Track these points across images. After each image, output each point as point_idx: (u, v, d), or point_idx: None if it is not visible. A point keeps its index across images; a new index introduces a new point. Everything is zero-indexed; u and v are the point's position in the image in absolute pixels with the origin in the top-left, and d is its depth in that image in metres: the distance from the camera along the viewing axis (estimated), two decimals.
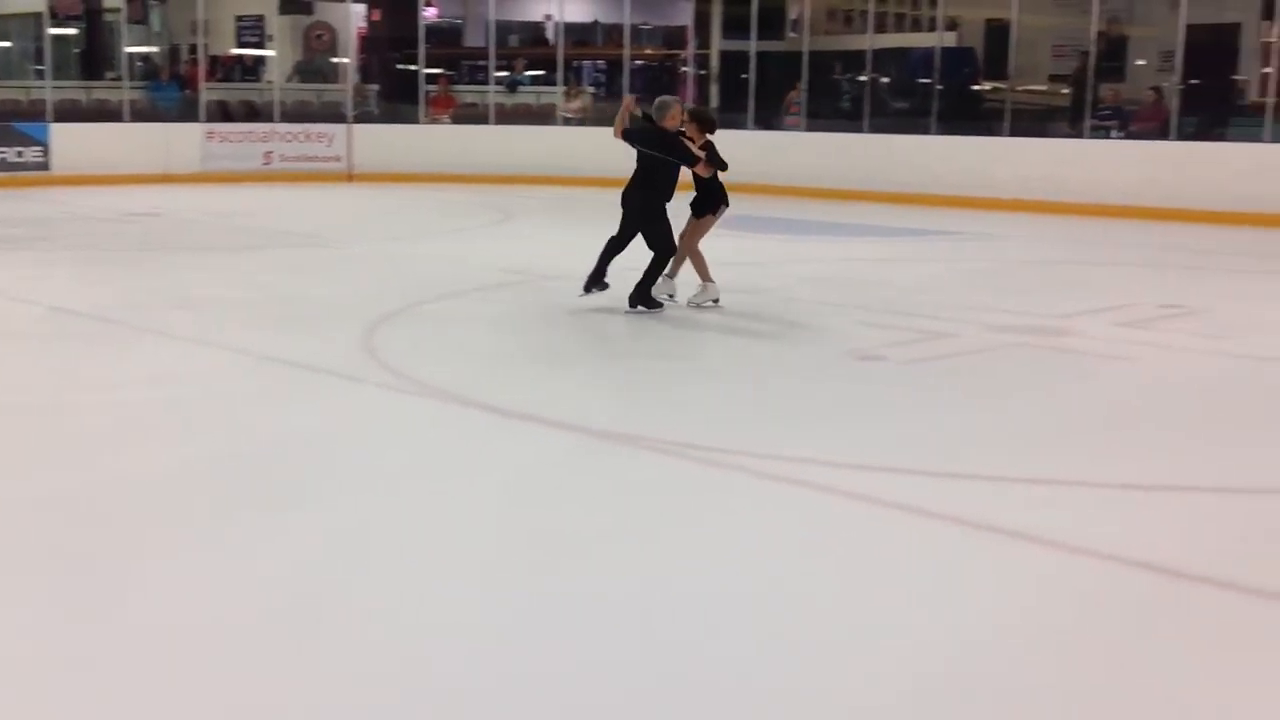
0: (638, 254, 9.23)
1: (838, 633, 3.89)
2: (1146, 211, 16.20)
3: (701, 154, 9.26)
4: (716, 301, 9.44)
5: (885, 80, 21.74)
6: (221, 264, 12.10)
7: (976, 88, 21.16)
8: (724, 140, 9.91)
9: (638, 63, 24.22)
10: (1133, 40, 19.80)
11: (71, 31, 23.22)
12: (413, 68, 22.37)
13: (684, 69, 24.53)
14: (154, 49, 24.75)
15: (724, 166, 9.43)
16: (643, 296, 9.26)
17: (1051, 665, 3.69)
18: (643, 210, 9.22)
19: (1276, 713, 3.45)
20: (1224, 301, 10.05)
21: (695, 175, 9.39)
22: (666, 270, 9.43)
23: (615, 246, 9.38)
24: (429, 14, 23.73)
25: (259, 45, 24.45)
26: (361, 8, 25.40)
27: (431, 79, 22.88)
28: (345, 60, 24.02)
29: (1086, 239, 14.68)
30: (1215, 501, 5.26)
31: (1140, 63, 19.55)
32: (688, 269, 9.53)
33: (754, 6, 20.80)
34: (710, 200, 9.51)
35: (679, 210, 9.37)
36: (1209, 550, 4.60)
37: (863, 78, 20.55)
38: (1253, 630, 3.99)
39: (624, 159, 9.49)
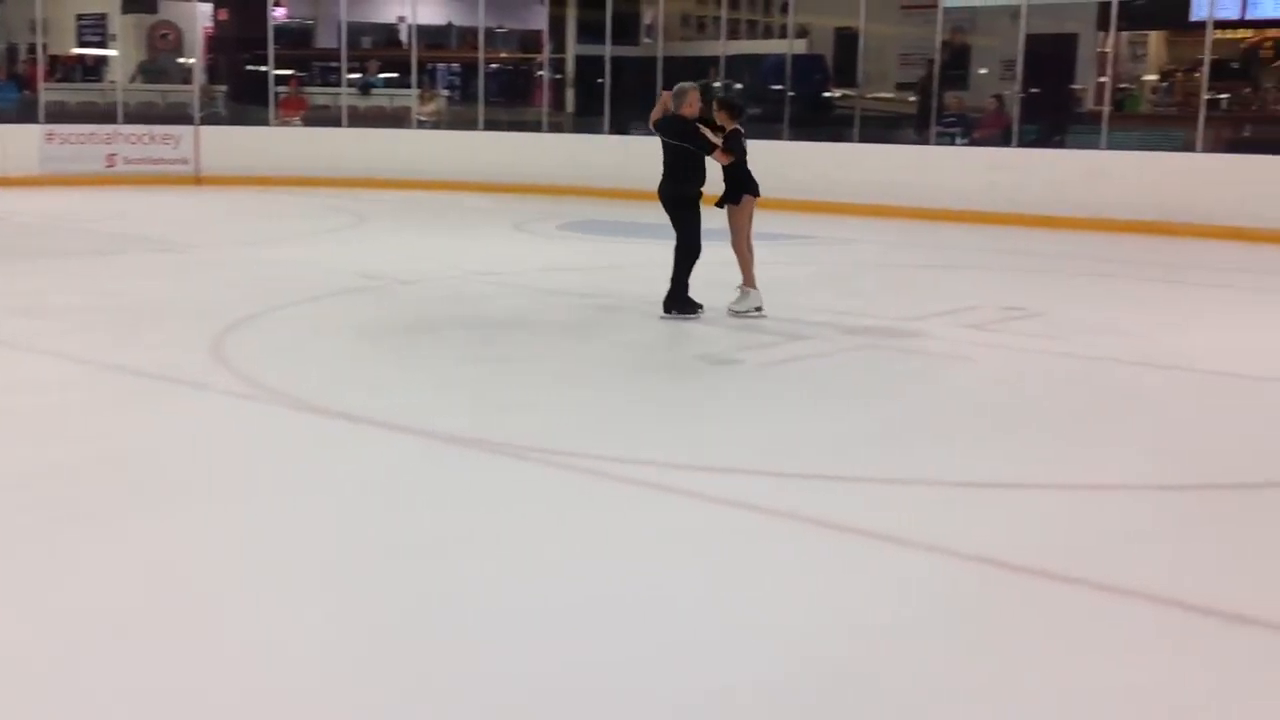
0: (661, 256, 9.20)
1: (697, 634, 3.93)
2: (990, 216, 16.68)
3: (718, 140, 9.11)
4: (759, 310, 9.29)
5: (739, 86, 22.01)
6: (63, 269, 11.72)
7: (827, 94, 21.55)
8: (581, 146, 9.94)
9: (493, 66, 24.13)
10: (975, 49, 20.34)
11: None
12: (262, 69, 21.96)
13: (540, 73, 24.50)
14: None
15: (743, 153, 9.26)
16: (676, 301, 9.17)
17: (904, 661, 3.78)
18: (673, 200, 9.17)
19: (1117, 700, 3.59)
20: (1063, 303, 10.40)
21: (723, 167, 9.27)
22: (743, 282, 9.31)
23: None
24: (278, 14, 23.31)
25: (101, 45, 23.76)
26: (208, 7, 24.85)
27: (282, 80, 22.49)
28: (191, 61, 23.46)
29: (933, 243, 15.05)
30: (1057, 498, 5.45)
31: (983, 71, 20.12)
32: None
33: (608, 12, 20.89)
34: (734, 190, 9.36)
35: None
36: (1049, 545, 4.76)
37: (717, 83, 20.77)
38: (1092, 622, 4.14)
39: (486, 163, 9.45)
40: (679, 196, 9.14)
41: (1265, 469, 5.88)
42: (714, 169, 9.33)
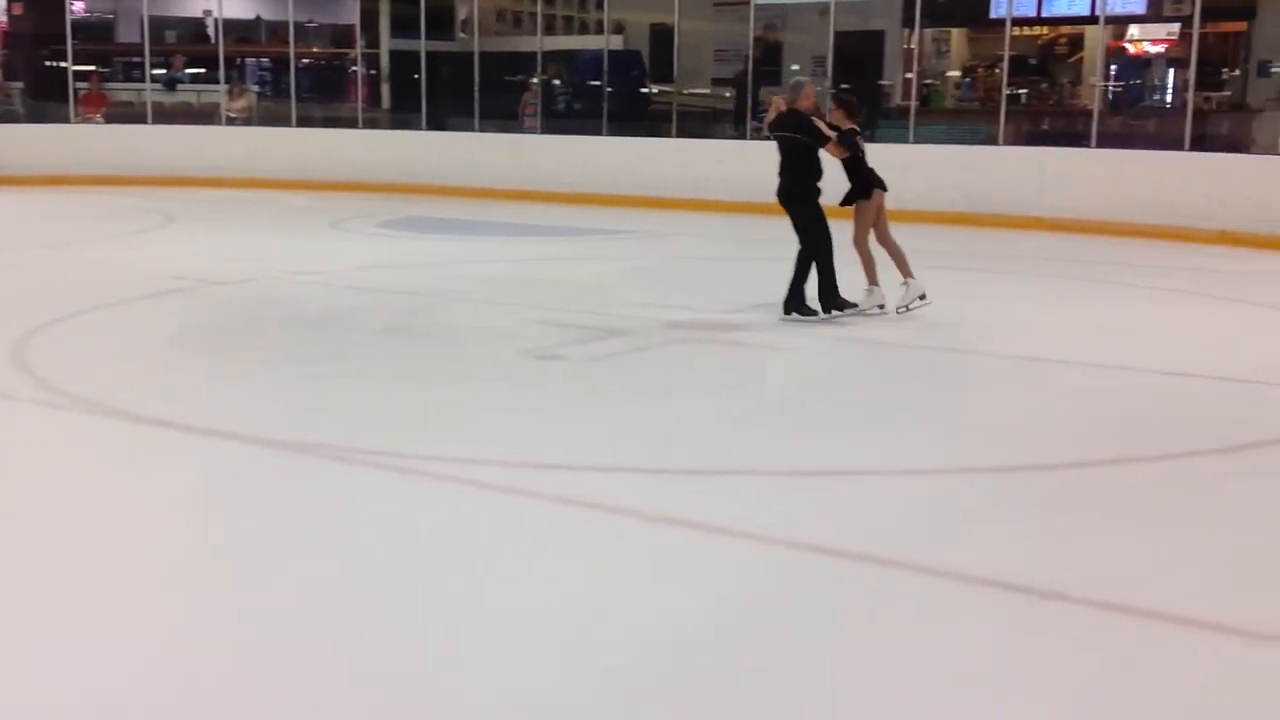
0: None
1: (527, 632, 3.92)
2: None
3: (832, 134, 9.05)
4: (882, 308, 9.24)
5: (557, 82, 22.01)
6: None
7: (644, 90, 21.70)
8: (398, 142, 9.79)
9: (305, 61, 23.64)
10: (787, 46, 20.70)
11: None
12: (61, 64, 21.13)
13: (354, 68, 24.09)
14: None
15: (856, 150, 9.22)
16: (796, 302, 9.04)
17: (734, 651, 3.83)
18: (790, 196, 9.10)
19: (947, 682, 3.70)
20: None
21: (845, 165, 9.24)
22: (868, 282, 9.23)
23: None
24: (77, 8, 22.46)
25: None
26: (1, 1, 23.80)
27: (82, 76, 21.68)
28: None
29: (752, 236, 15.25)
30: (879, 484, 5.58)
31: (795, 68, 20.49)
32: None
33: (422, 6, 20.66)
34: (860, 187, 9.33)
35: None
36: (874, 531, 4.87)
37: (534, 79, 20.73)
38: (919, 604, 4.25)
39: (300, 161, 9.22)
40: (795, 193, 9.14)
41: (1075, 450, 6.11)
42: (833, 175, 9.29)
